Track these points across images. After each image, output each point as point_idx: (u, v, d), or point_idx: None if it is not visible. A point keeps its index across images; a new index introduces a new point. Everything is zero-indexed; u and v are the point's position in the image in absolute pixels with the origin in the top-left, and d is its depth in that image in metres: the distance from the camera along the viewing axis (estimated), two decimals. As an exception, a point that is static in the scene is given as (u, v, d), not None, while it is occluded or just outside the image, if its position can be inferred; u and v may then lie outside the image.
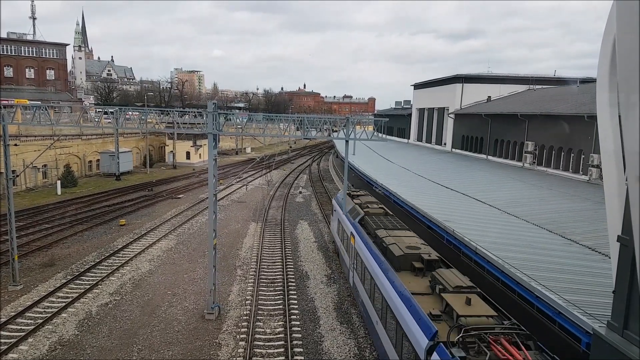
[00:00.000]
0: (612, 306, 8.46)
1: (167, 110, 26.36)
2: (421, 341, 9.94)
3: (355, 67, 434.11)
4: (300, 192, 48.66)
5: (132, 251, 26.49)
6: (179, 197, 43.45)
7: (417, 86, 67.87)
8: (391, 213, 21.58)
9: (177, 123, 25.22)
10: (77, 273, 22.58)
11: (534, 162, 36.09)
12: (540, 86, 52.61)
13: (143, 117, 25.44)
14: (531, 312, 12.17)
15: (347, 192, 25.35)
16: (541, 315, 11.62)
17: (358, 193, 26.41)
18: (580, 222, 18.85)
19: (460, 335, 9.14)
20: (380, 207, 22.04)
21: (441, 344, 9.26)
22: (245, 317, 18.52)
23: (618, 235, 8.14)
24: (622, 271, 8.08)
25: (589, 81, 45.47)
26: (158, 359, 15.44)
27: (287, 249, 27.91)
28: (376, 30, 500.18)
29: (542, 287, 11.36)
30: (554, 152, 34.15)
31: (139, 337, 16.86)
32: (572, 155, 31.82)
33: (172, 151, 67.16)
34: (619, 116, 6.22)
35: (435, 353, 9.30)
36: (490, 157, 43.86)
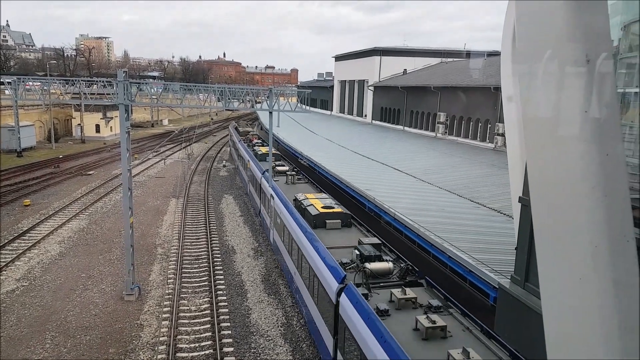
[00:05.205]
0: (515, 262, 9.31)
1: (73, 80, 24.31)
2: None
3: (277, 37, 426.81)
4: (224, 166, 47.56)
5: (40, 233, 24.52)
6: (90, 174, 40.66)
7: (338, 58, 68.21)
8: (258, 135, 45.85)
9: (84, 93, 23.29)
10: (-25, 260, 20.53)
11: (446, 132, 38.15)
12: (451, 59, 55.18)
13: (45, 88, 23.52)
14: (445, 272, 13.06)
15: (235, 127, 50.41)
16: (454, 275, 12.52)
17: (246, 130, 48.42)
18: (487, 187, 20.38)
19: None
20: (251, 131, 47.02)
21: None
22: (168, 296, 18.03)
23: (519, 197, 8.89)
24: (523, 230, 8.88)
25: (495, 54, 48.44)
26: (74, 344, 14.65)
27: (211, 224, 27.36)
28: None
29: (454, 248, 12.20)
30: (463, 122, 36.28)
31: (51, 323, 15.82)
32: (480, 124, 34.03)
33: (79, 124, 62.12)
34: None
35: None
36: (406, 128, 45.67)
